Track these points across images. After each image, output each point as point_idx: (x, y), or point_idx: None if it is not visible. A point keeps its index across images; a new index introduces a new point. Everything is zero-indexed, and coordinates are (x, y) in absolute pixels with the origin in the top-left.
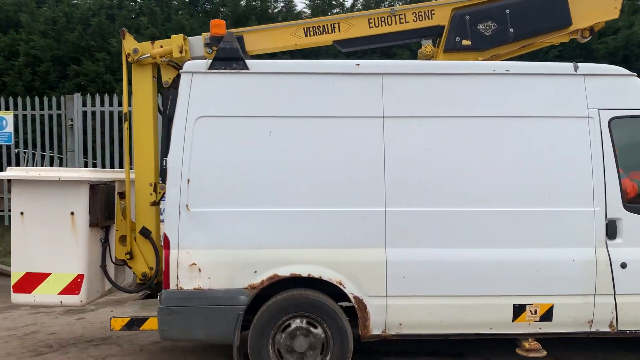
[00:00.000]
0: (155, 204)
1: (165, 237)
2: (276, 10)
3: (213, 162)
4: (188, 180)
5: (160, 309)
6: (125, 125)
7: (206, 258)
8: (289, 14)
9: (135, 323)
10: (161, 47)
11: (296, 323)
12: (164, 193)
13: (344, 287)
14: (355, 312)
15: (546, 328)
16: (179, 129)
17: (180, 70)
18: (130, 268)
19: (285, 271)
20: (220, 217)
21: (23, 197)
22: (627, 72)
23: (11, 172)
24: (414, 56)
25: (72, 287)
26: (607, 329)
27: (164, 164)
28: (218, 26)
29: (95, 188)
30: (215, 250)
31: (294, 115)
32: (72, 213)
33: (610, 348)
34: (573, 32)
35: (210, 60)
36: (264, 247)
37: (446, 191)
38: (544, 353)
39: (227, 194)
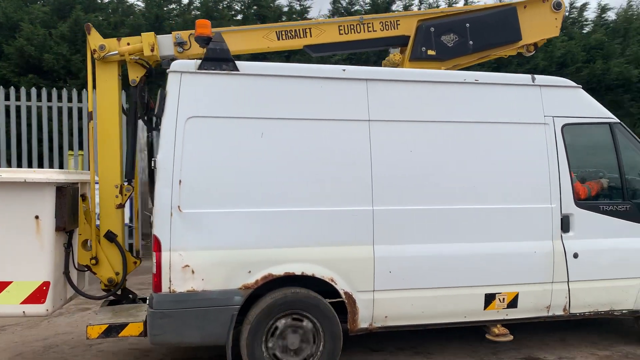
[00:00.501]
0: (121, 206)
1: (156, 239)
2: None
3: (205, 163)
4: (180, 181)
5: (151, 312)
6: (90, 125)
7: (199, 259)
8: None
9: (113, 330)
10: (128, 44)
11: (289, 321)
12: (130, 195)
13: (336, 284)
14: (343, 308)
15: (512, 314)
16: (169, 129)
17: (168, 70)
18: (95, 274)
19: (279, 270)
20: (213, 217)
21: None
22: (575, 84)
23: None
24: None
25: (37, 296)
26: (561, 313)
27: (153, 165)
28: (203, 26)
29: (62, 190)
30: (208, 252)
31: (283, 117)
32: (36, 217)
33: (553, 329)
34: (521, 47)
35: (200, 61)
36: (257, 247)
37: (425, 191)
38: (511, 337)
39: (219, 195)
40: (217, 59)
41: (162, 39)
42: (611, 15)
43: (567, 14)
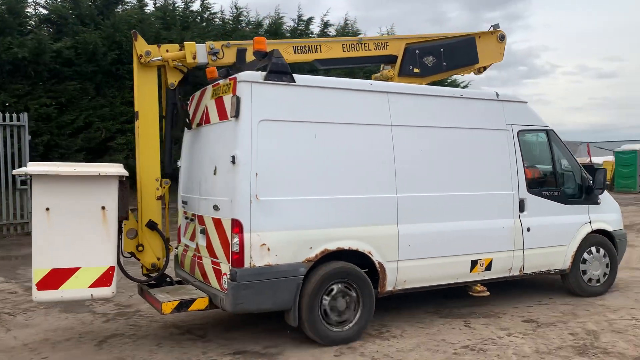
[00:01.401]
0: (161, 198)
1: (238, 223)
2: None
3: (273, 158)
4: (256, 174)
5: (235, 285)
6: (137, 124)
7: (273, 239)
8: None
9: (184, 305)
10: (167, 51)
11: (339, 287)
12: (169, 187)
13: (372, 256)
14: (374, 276)
15: (488, 275)
16: (245, 130)
17: (238, 79)
18: (139, 260)
19: (332, 246)
20: (283, 204)
21: (49, 193)
22: (524, 100)
23: (43, 168)
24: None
25: (104, 280)
26: (518, 273)
27: (232, 160)
28: (261, 42)
29: (123, 182)
30: (280, 232)
31: (330, 121)
32: (103, 207)
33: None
34: (475, 69)
35: (265, 73)
36: (316, 228)
37: (430, 181)
38: (488, 293)
39: (287, 185)
40: (279, 72)
41: (199, 48)
42: (332, 31)
43: (295, 25)
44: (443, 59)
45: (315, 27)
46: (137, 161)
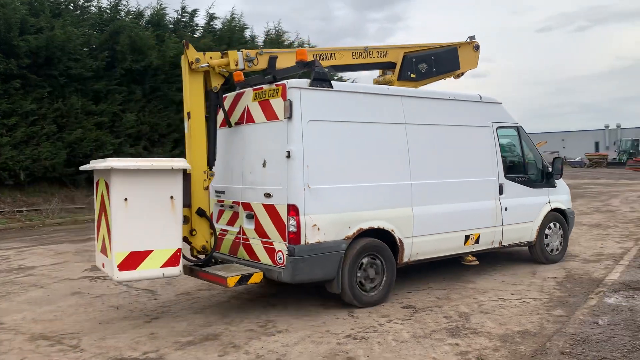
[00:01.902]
0: (207, 188)
1: (295, 207)
2: None
3: (319, 153)
4: (307, 166)
5: (293, 259)
6: (189, 123)
7: (321, 220)
8: None
9: (244, 279)
10: (211, 58)
11: (369, 260)
12: (212, 179)
13: (394, 233)
14: (394, 250)
15: (476, 248)
16: (297, 129)
17: (288, 85)
18: (190, 243)
19: (365, 225)
20: (328, 191)
21: (126, 185)
22: (499, 101)
23: (123, 162)
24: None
25: (173, 260)
26: (497, 245)
27: (287, 154)
28: (303, 54)
29: (186, 175)
30: (326, 215)
31: (360, 121)
32: (171, 197)
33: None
34: (455, 74)
35: (310, 80)
36: (353, 211)
37: (434, 169)
38: (478, 262)
39: (330, 175)
40: (321, 80)
41: (239, 55)
42: (218, 24)
43: (179, 17)
44: (433, 65)
45: (200, 20)
46: (187, 156)
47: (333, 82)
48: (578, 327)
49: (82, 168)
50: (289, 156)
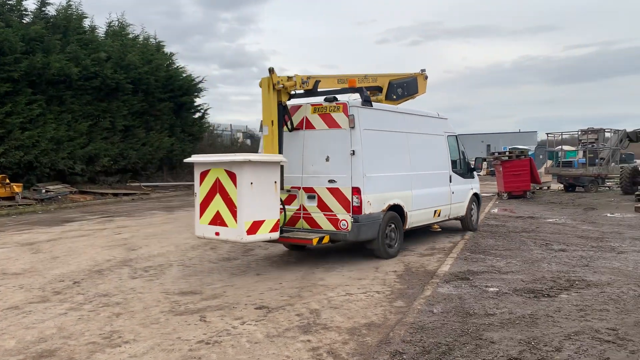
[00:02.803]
0: None
1: (358, 189)
2: None
3: (370, 151)
4: (364, 160)
5: (358, 225)
6: (271, 129)
7: (372, 198)
8: None
9: (320, 240)
10: (286, 80)
11: (391, 226)
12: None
13: (404, 208)
14: (402, 219)
15: (439, 220)
16: (358, 135)
17: (350, 104)
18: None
19: (392, 202)
20: (375, 178)
21: (251, 173)
22: (446, 117)
23: (251, 156)
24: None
25: (275, 228)
26: (447, 218)
27: (352, 153)
28: (353, 82)
29: (282, 166)
30: (374, 194)
31: (387, 130)
32: (275, 182)
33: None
34: (414, 97)
35: (362, 101)
36: (386, 192)
37: (420, 165)
38: (440, 229)
39: (375, 167)
40: (367, 101)
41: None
42: (52, 11)
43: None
44: (405, 90)
45: (30, 4)
46: (268, 153)
47: (374, 103)
48: (416, 316)
49: (207, 160)
50: (353, 154)
